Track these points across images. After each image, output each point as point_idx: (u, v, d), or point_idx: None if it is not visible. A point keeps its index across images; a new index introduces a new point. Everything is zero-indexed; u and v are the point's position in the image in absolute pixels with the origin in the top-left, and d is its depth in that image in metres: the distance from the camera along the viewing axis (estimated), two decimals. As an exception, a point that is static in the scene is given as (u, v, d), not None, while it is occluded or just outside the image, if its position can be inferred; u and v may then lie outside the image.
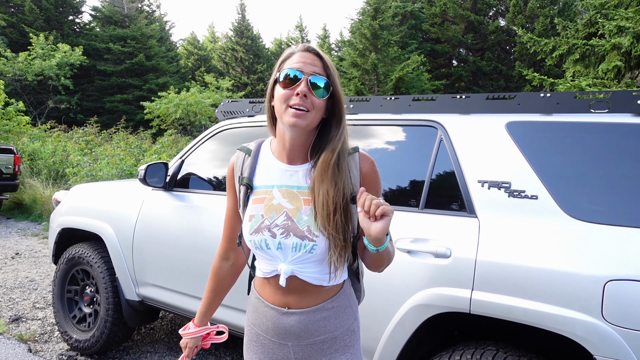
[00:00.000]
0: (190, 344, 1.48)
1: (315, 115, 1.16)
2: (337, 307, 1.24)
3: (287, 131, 1.18)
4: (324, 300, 1.22)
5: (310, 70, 1.15)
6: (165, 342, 3.51)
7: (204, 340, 1.51)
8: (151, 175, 2.83)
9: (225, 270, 1.44)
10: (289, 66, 1.16)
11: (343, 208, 1.14)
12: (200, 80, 24.82)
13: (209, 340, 1.52)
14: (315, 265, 1.19)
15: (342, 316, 1.25)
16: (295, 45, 1.23)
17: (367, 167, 1.23)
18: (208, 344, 1.52)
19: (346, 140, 1.20)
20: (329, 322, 1.22)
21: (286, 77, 1.15)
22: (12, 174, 9.02)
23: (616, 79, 7.06)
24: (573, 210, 1.68)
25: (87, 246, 3.23)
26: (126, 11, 25.68)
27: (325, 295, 1.22)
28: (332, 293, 1.23)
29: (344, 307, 1.25)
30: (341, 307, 1.25)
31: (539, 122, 1.89)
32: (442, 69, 23.06)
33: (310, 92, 1.14)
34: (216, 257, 1.46)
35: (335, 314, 1.23)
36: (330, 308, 1.23)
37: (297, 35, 34.12)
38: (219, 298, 1.47)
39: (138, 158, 10.67)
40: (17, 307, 4.16)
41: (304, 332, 1.21)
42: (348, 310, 1.26)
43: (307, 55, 1.17)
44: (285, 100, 1.14)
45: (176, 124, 17.20)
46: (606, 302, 1.51)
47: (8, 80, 17.77)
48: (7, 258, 5.91)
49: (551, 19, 18.57)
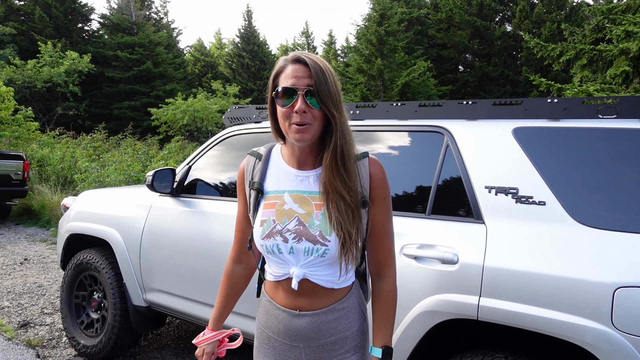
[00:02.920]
0: (207, 350, 1.46)
1: (318, 126, 1.18)
2: (348, 308, 1.26)
3: (295, 143, 1.21)
4: (334, 301, 1.24)
5: (304, 84, 1.15)
6: (171, 348, 3.51)
7: (219, 347, 1.50)
8: (159, 181, 2.85)
9: (238, 274, 1.46)
10: (283, 82, 1.17)
11: (353, 211, 1.17)
12: (207, 87, 24.98)
13: (223, 347, 1.50)
14: (326, 268, 1.21)
15: (353, 317, 1.27)
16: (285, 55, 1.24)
17: (377, 171, 1.24)
18: (224, 351, 1.50)
19: (348, 141, 1.19)
20: (340, 322, 1.25)
21: (283, 95, 1.16)
22: (22, 180, 9.09)
23: (624, 84, 7.03)
24: (581, 216, 1.66)
25: (95, 252, 3.25)
26: (134, 19, 25.94)
27: (335, 296, 1.24)
28: (343, 294, 1.26)
29: (353, 308, 1.28)
30: (351, 307, 1.27)
31: (546, 127, 1.89)
32: (448, 75, 23.04)
33: (308, 106, 1.15)
34: (229, 261, 1.47)
35: (345, 314, 1.26)
36: (341, 309, 1.25)
37: (303, 41, 34.27)
38: (233, 301, 1.48)
39: (145, 164, 10.74)
40: (25, 312, 4.18)
41: (316, 333, 1.23)
42: (358, 311, 1.29)
43: (298, 68, 1.16)
44: (287, 118, 1.17)
45: (183, 130, 17.30)
46: (616, 309, 1.49)
47: (18, 88, 17.98)
48: (15, 264, 5.95)
49: (558, 24, 18.51)
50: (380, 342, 1.27)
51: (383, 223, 1.26)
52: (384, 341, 1.27)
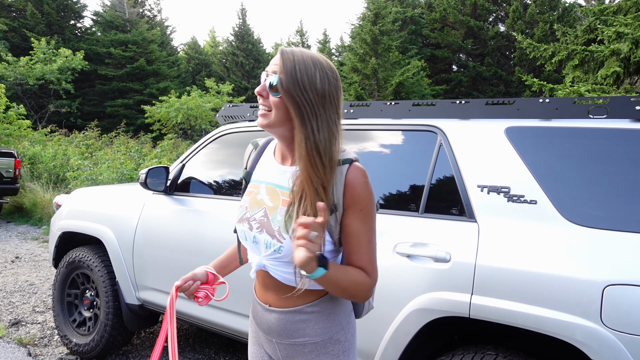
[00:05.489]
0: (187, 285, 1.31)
1: (277, 114, 1.14)
2: (318, 313, 1.20)
3: None
4: (303, 303, 1.20)
5: (270, 70, 1.15)
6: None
7: (203, 284, 1.33)
8: (152, 179, 2.84)
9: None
10: None
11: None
12: (200, 85, 24.90)
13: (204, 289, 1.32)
14: (284, 265, 1.18)
15: (324, 323, 1.21)
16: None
17: (354, 180, 1.14)
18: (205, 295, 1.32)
19: (324, 139, 1.11)
20: (308, 325, 1.21)
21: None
22: (13, 178, 9.02)
23: (615, 85, 7.09)
24: (572, 215, 1.68)
25: (88, 250, 3.24)
26: (127, 16, 25.77)
27: (304, 298, 1.20)
28: (313, 297, 1.21)
29: (326, 315, 1.21)
30: (323, 313, 1.21)
31: (538, 127, 1.90)
32: (442, 74, 23.12)
33: (265, 91, 1.15)
34: None
35: (315, 319, 1.20)
36: (310, 312, 1.21)
37: (297, 40, 34.23)
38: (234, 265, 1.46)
39: (138, 162, 10.68)
40: (17, 310, 4.15)
41: (284, 331, 1.23)
42: (332, 318, 1.21)
43: (276, 58, 1.15)
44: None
45: (177, 128, 17.23)
46: (605, 307, 1.51)
47: (9, 84, 17.82)
48: (7, 262, 5.91)
49: (551, 25, 18.65)
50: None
51: (358, 233, 1.15)
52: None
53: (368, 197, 1.15)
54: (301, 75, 1.10)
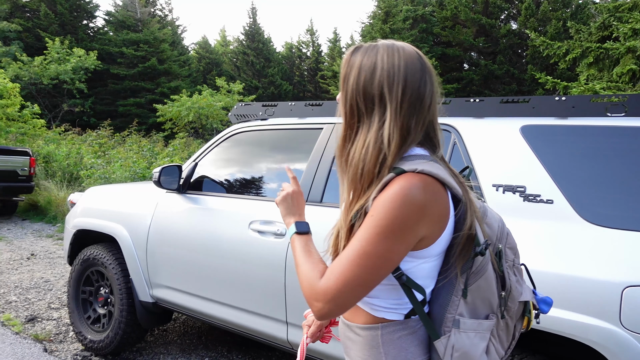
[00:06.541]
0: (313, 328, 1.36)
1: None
2: (363, 341, 1.07)
3: None
4: (355, 321, 1.10)
5: None
6: (178, 343, 3.53)
7: (327, 327, 1.37)
8: (165, 177, 2.86)
9: None
10: None
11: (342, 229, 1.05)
12: (211, 84, 25.06)
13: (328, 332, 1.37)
14: None
15: (364, 355, 1.07)
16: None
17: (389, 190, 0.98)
18: (328, 338, 1.37)
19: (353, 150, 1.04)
20: (353, 348, 1.10)
21: None
22: (28, 176, 9.15)
23: (631, 83, 6.99)
24: (589, 215, 1.66)
25: (102, 248, 3.27)
26: (139, 15, 26.00)
27: (359, 316, 1.09)
28: (365, 320, 1.07)
29: (369, 347, 1.06)
30: (366, 344, 1.06)
31: (554, 125, 1.88)
32: (453, 73, 22.97)
33: None
34: None
35: (360, 344, 1.08)
36: (357, 335, 1.08)
37: (307, 39, 34.24)
38: None
39: (150, 161, 10.77)
40: (32, 307, 4.21)
41: (341, 338, 1.17)
42: (373, 353, 1.05)
43: None
44: None
45: (188, 127, 17.34)
46: (624, 309, 1.49)
47: (24, 84, 18.06)
48: (22, 259, 6.00)
49: (564, 22, 18.41)
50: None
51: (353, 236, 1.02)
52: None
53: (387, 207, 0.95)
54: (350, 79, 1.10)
